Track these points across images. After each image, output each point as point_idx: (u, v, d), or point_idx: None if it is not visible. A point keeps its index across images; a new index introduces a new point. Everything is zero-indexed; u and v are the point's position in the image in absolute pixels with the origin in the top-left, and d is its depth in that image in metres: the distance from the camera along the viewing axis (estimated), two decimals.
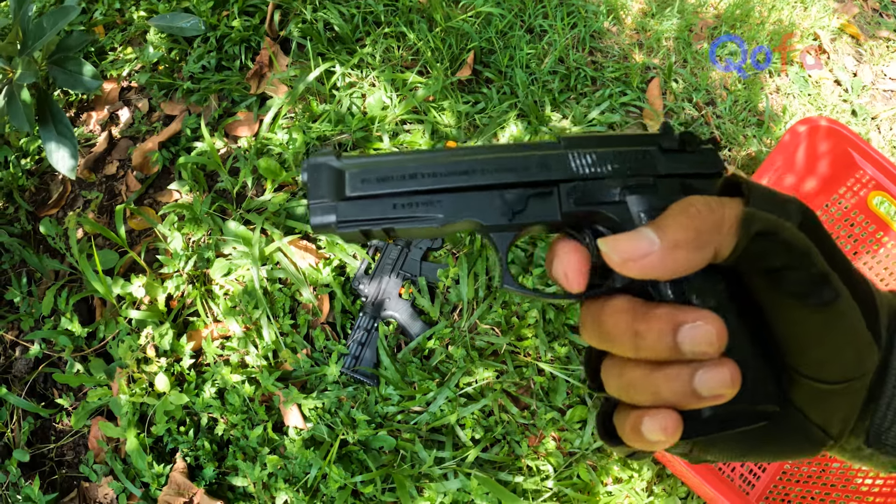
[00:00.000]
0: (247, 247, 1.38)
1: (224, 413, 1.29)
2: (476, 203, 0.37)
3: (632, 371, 0.32)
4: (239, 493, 1.26)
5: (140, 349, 1.34)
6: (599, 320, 0.34)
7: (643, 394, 0.32)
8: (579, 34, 1.67)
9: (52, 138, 1.29)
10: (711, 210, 0.32)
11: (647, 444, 0.32)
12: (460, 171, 0.37)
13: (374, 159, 0.38)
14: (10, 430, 1.39)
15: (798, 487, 1.22)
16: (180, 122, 1.62)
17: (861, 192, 1.29)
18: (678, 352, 0.30)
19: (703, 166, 0.39)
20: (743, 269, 0.32)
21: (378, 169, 0.37)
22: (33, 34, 1.28)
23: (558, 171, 0.38)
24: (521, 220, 0.37)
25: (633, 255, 0.31)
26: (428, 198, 0.37)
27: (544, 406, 1.26)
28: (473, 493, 1.16)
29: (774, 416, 0.34)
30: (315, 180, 0.38)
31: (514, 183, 0.37)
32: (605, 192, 0.37)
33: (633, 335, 0.32)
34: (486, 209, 0.37)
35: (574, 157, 0.38)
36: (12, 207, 1.62)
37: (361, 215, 0.37)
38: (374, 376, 1.30)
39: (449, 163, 0.38)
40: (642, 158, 0.38)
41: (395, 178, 0.37)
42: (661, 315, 0.31)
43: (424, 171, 0.37)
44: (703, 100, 1.63)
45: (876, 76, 1.83)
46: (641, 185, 0.37)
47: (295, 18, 1.69)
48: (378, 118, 1.51)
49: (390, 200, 0.37)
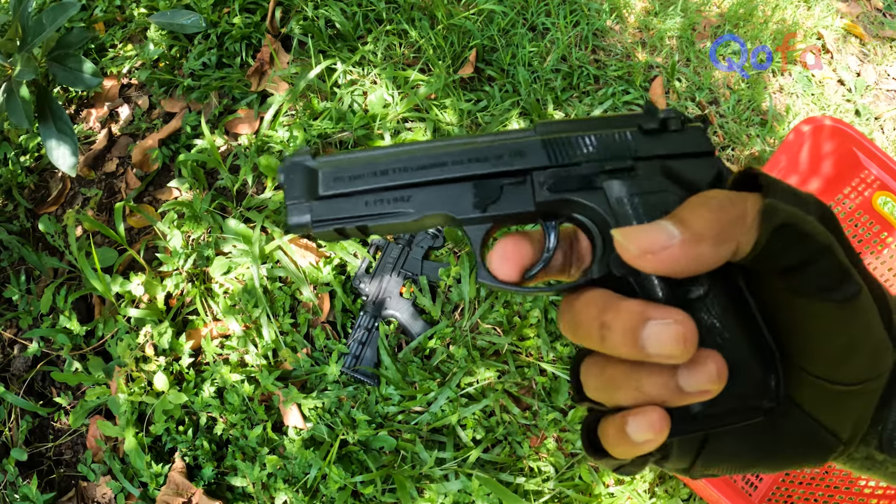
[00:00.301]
0: (247, 245, 1.38)
1: (223, 412, 1.29)
2: (447, 196, 0.36)
3: (613, 368, 0.31)
4: (238, 493, 1.25)
5: (139, 348, 1.33)
6: (572, 311, 0.33)
7: (625, 391, 0.30)
8: (582, 32, 1.67)
9: (51, 135, 1.28)
10: (733, 203, 0.30)
11: (633, 446, 0.30)
12: (431, 164, 0.37)
13: (347, 157, 0.38)
14: (8, 428, 1.39)
15: (801, 489, 1.21)
16: (180, 120, 1.61)
17: (866, 193, 1.29)
18: (642, 351, 0.29)
19: (687, 146, 0.37)
20: (760, 266, 0.30)
21: (350, 167, 0.37)
22: (33, 30, 1.27)
23: (532, 159, 0.36)
24: (494, 210, 0.36)
25: (652, 247, 0.29)
26: (399, 193, 0.36)
27: (546, 406, 1.25)
28: (474, 494, 1.15)
29: (778, 419, 0.32)
30: (291, 181, 0.37)
31: (486, 174, 0.36)
32: (581, 179, 0.36)
33: (599, 326, 0.30)
34: (458, 201, 0.36)
35: (548, 143, 0.37)
36: (11, 205, 1.61)
37: (334, 214, 0.37)
38: (374, 376, 1.29)
39: (421, 156, 0.37)
40: (620, 141, 0.37)
41: (366, 175, 0.37)
42: (629, 308, 0.30)
43: (395, 166, 0.37)
44: (706, 99, 1.63)
45: (879, 76, 1.82)
46: (619, 170, 0.36)
47: (296, 15, 1.68)
48: (380, 116, 1.51)
49: (361, 198, 0.37)
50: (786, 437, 0.33)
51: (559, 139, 0.37)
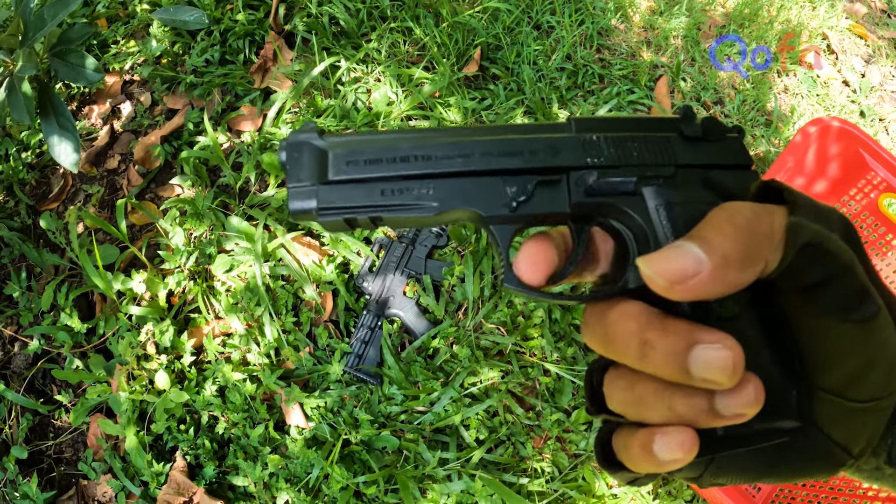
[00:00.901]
0: (249, 243, 1.37)
1: (225, 411, 1.28)
2: (475, 190, 0.33)
3: (643, 385, 0.30)
4: (239, 492, 1.25)
5: (140, 346, 1.33)
6: (605, 321, 0.31)
7: (656, 410, 0.29)
8: (587, 31, 1.66)
9: (53, 131, 1.27)
10: (760, 219, 0.29)
11: (658, 464, 0.29)
12: (458, 154, 0.34)
13: (361, 138, 0.34)
14: (9, 426, 1.38)
15: (804, 491, 1.21)
16: (183, 116, 1.60)
17: (872, 195, 1.28)
18: (686, 374, 0.28)
19: (726, 157, 0.35)
20: (780, 283, 0.30)
21: (366, 149, 0.34)
22: (34, 26, 1.26)
23: (569, 157, 0.34)
24: (525, 210, 0.33)
25: (681, 277, 0.28)
26: (421, 183, 0.33)
27: (550, 407, 1.25)
28: (477, 495, 1.15)
29: (793, 435, 0.32)
30: (295, 161, 0.34)
31: (518, 169, 0.33)
32: (620, 183, 0.34)
33: (641, 343, 0.29)
34: (486, 198, 0.33)
35: (587, 142, 0.34)
36: (13, 201, 1.60)
37: (345, 202, 0.33)
38: (377, 375, 1.28)
39: (446, 144, 0.34)
40: (662, 146, 0.35)
41: (384, 161, 0.33)
42: (676, 329, 0.29)
43: (418, 152, 0.33)
44: (711, 99, 1.62)
45: (884, 77, 1.81)
46: (660, 177, 0.34)
47: (300, 12, 1.67)
48: (383, 114, 1.50)
49: (378, 185, 0.33)
50: (798, 451, 0.32)
51: (599, 138, 0.34)
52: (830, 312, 0.28)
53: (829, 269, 0.28)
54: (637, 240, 0.34)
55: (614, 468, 0.33)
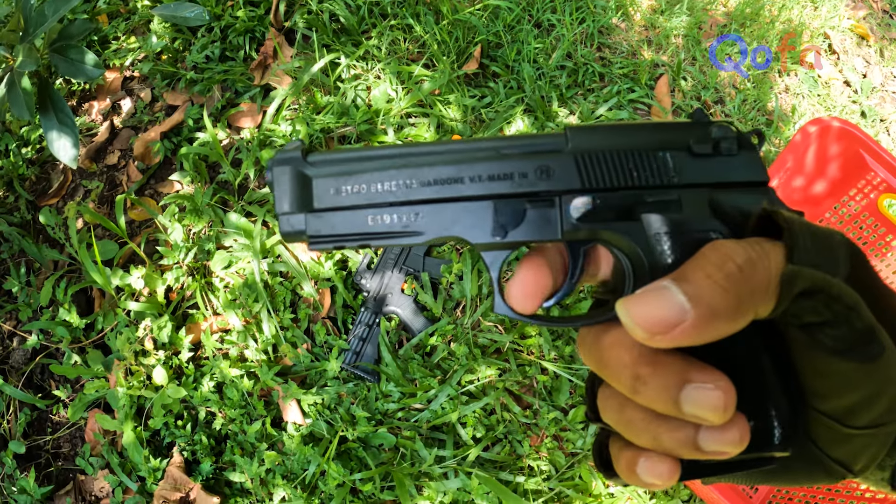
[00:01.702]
0: (248, 239, 1.37)
1: (222, 407, 1.28)
2: (463, 217, 0.32)
3: (632, 411, 0.30)
4: (236, 488, 1.25)
5: (138, 341, 1.33)
6: (599, 345, 0.31)
7: (642, 437, 0.29)
8: (587, 29, 1.65)
9: (53, 127, 1.27)
10: (754, 267, 0.27)
11: (641, 484, 0.30)
12: (446, 179, 0.32)
13: (346, 165, 0.33)
14: (7, 421, 1.38)
15: (801, 492, 1.20)
16: (183, 113, 1.60)
17: (871, 195, 1.28)
18: (677, 409, 0.27)
19: (738, 172, 0.32)
20: (777, 321, 0.29)
21: (351, 177, 0.33)
22: (35, 21, 1.26)
23: (562, 180, 0.31)
24: (516, 237, 0.32)
25: (663, 327, 0.26)
26: (408, 210, 0.32)
27: (547, 405, 1.24)
28: (474, 493, 1.15)
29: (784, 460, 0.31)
30: (281, 187, 0.33)
31: (508, 194, 0.32)
32: (618, 207, 0.31)
33: (633, 377, 0.29)
34: (475, 225, 0.32)
35: (581, 161, 0.31)
36: (12, 196, 1.60)
37: (333, 230, 0.33)
38: (374, 372, 1.28)
39: (434, 167, 0.32)
40: (665, 165, 0.31)
41: (370, 189, 0.32)
42: (668, 364, 0.28)
43: (404, 179, 0.32)
44: (711, 98, 1.62)
45: (885, 78, 1.81)
46: (662, 202, 0.31)
47: (300, 9, 1.67)
48: (383, 111, 1.50)
49: (365, 213, 0.32)
50: (796, 466, 0.32)
51: (594, 157, 0.32)
52: (832, 351, 0.27)
53: (830, 312, 0.27)
54: (634, 267, 0.32)
55: (610, 473, 0.33)
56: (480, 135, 1.47)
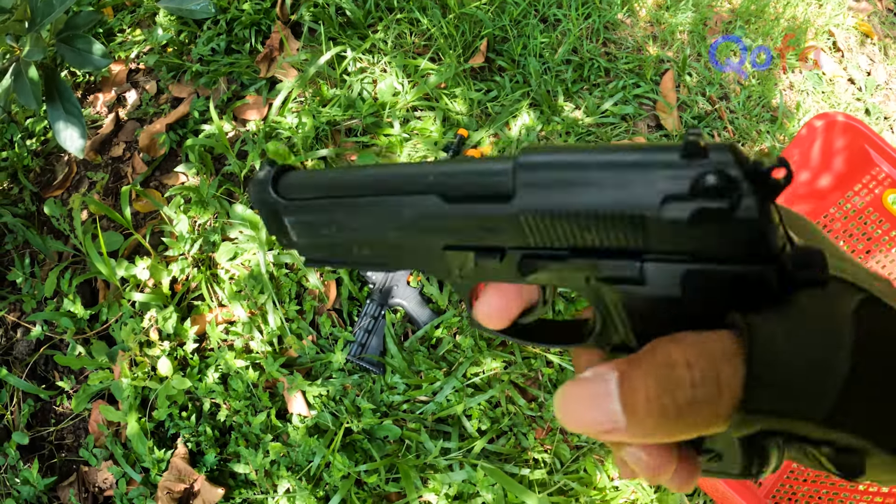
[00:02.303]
0: (253, 231, 1.37)
1: (227, 399, 1.28)
2: (422, 258, 0.32)
3: None
4: (240, 480, 1.25)
5: (143, 332, 1.33)
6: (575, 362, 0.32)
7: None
8: (593, 24, 1.66)
9: (59, 117, 1.27)
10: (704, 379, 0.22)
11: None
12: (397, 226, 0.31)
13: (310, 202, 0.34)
14: (10, 412, 1.38)
15: (805, 486, 1.21)
16: (188, 105, 1.60)
17: (876, 190, 1.28)
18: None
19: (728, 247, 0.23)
20: None
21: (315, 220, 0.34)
22: (41, 11, 1.26)
23: (507, 238, 0.28)
24: (472, 278, 0.31)
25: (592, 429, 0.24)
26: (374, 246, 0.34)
27: (552, 398, 1.24)
28: (479, 485, 1.15)
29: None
30: (263, 213, 0.35)
31: (454, 245, 0.31)
32: (567, 275, 0.28)
33: None
34: (433, 265, 0.32)
35: (527, 221, 0.26)
36: (17, 188, 1.60)
37: (318, 254, 0.36)
38: (380, 364, 1.28)
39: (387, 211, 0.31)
40: (631, 227, 0.24)
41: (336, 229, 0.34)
42: None
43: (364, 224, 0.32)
44: (716, 94, 1.62)
45: (890, 75, 1.81)
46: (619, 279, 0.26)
47: (307, 2, 1.67)
48: (389, 104, 1.50)
49: (338, 246, 0.34)
50: None
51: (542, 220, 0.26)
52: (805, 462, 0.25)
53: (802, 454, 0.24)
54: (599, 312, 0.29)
55: None
56: (486, 129, 1.47)
